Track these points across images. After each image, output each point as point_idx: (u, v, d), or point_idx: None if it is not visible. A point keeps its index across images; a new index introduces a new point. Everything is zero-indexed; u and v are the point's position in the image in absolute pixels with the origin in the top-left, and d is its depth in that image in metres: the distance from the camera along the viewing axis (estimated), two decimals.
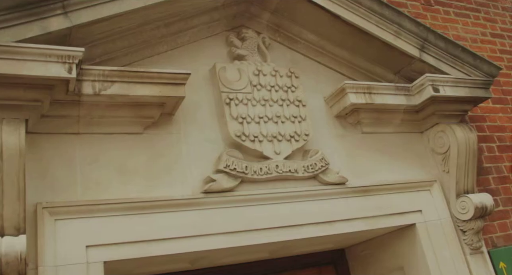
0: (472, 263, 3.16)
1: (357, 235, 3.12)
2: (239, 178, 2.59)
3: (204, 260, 2.88)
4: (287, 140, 2.80)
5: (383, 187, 3.05)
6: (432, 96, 3.11)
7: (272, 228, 2.63)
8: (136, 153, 2.50)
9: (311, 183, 2.83)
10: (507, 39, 4.57)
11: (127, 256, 2.27)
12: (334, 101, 3.11)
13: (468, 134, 3.25)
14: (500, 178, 3.72)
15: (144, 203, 2.37)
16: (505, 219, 3.55)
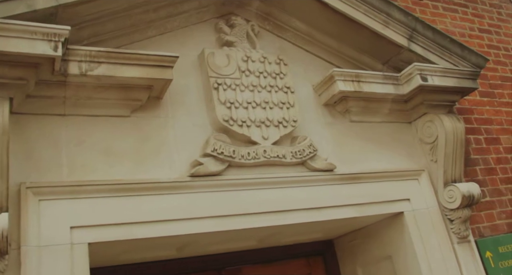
0: (459, 252, 3.17)
1: (345, 223, 3.11)
2: (227, 162, 2.58)
3: (191, 247, 2.85)
4: (275, 125, 2.80)
5: (371, 175, 3.05)
6: (420, 85, 3.12)
7: (260, 213, 2.61)
8: (123, 136, 2.47)
9: (299, 169, 2.82)
10: (494, 34, 4.62)
11: (112, 238, 2.25)
12: (322, 90, 3.11)
13: (456, 124, 3.27)
14: (487, 170, 3.74)
15: (131, 185, 2.34)
16: (492, 210, 3.57)
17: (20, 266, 2.03)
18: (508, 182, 3.80)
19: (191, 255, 3.12)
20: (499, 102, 4.19)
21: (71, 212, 2.19)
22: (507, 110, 4.19)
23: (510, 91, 4.34)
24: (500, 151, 3.91)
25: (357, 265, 3.46)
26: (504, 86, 4.32)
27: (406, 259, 3.13)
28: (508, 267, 3.34)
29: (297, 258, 3.57)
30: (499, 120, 4.08)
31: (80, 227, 2.19)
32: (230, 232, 2.58)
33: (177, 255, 3.01)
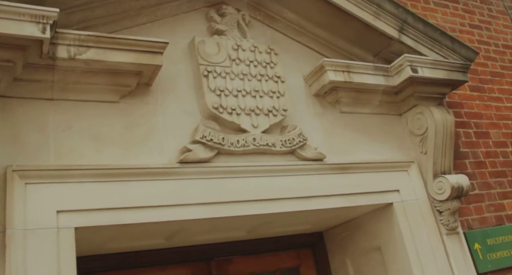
0: (448, 243, 3.18)
1: (335, 214, 3.11)
2: (216, 149, 2.57)
3: (180, 236, 2.84)
4: (265, 114, 2.79)
5: (361, 165, 3.05)
6: (411, 76, 3.13)
7: (249, 201, 2.60)
8: (112, 122, 2.46)
9: (289, 158, 2.82)
10: (484, 30, 4.65)
11: (99, 222, 2.23)
12: (313, 80, 3.11)
13: (445, 116, 3.28)
14: (477, 163, 3.76)
15: (119, 170, 2.33)
16: (481, 202, 3.59)
17: (5, 249, 2.00)
18: (497, 175, 3.82)
19: (180, 245, 3.10)
20: (489, 97, 4.21)
21: (58, 196, 2.17)
22: (497, 105, 4.22)
23: (500, 86, 4.37)
24: (490, 145, 3.94)
25: (346, 257, 3.46)
26: (494, 82, 4.35)
27: (395, 250, 3.13)
28: (496, 259, 3.36)
29: (286, 250, 3.57)
30: (488, 115, 4.10)
31: (66, 212, 2.17)
32: (218, 220, 2.56)
33: (166, 244, 2.99)
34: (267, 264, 3.45)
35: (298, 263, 3.56)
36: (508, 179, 3.86)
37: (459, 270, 3.13)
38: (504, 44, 4.71)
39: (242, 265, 3.36)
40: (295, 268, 3.56)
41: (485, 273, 3.28)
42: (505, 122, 4.17)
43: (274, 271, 3.45)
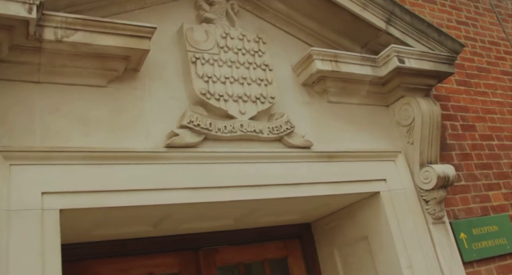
0: (434, 232, 3.20)
1: (322, 203, 3.12)
2: (203, 134, 2.58)
3: (166, 223, 2.84)
4: (252, 101, 2.81)
5: (348, 154, 3.07)
6: (398, 67, 3.16)
7: (236, 186, 2.61)
8: (99, 106, 2.45)
9: (276, 145, 2.83)
10: (471, 27, 4.70)
11: (85, 205, 2.22)
12: (301, 69, 3.13)
13: (432, 106, 3.32)
14: (463, 155, 3.79)
15: (105, 153, 2.32)
16: (467, 194, 3.62)
17: None
18: (483, 167, 3.86)
19: (167, 233, 3.10)
20: (475, 91, 4.26)
21: (43, 178, 2.16)
22: (483, 100, 4.26)
23: (486, 81, 4.42)
24: (476, 138, 3.98)
25: (334, 247, 3.47)
26: (480, 77, 4.40)
27: (381, 239, 3.15)
28: (481, 248, 3.39)
29: (274, 240, 3.57)
30: (475, 109, 4.15)
31: (51, 193, 2.16)
32: (205, 205, 2.56)
33: (153, 232, 2.99)
34: (255, 254, 3.45)
35: (285, 254, 3.57)
36: (494, 171, 3.90)
37: (445, 258, 3.15)
38: (490, 40, 4.77)
39: (229, 254, 3.36)
40: (283, 258, 3.56)
41: (470, 262, 3.30)
42: (490, 116, 4.22)
43: (261, 261, 3.46)
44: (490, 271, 3.40)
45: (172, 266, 3.18)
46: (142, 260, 3.09)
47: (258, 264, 3.49)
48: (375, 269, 3.15)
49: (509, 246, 3.55)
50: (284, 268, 3.54)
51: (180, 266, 3.19)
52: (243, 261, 3.39)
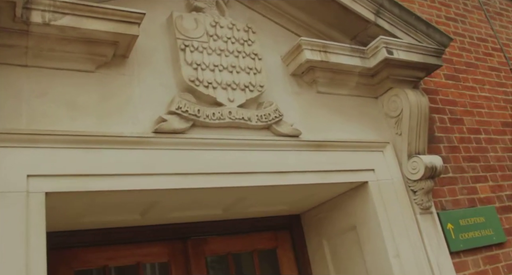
0: (422, 222, 3.22)
1: (310, 192, 3.13)
2: (191, 121, 2.58)
3: (154, 211, 2.83)
4: (241, 89, 2.81)
5: (337, 143, 3.09)
6: (386, 58, 3.19)
7: (224, 173, 2.61)
8: (87, 91, 2.45)
9: (264, 133, 2.84)
10: (460, 23, 4.75)
11: (71, 188, 2.20)
12: (290, 59, 3.14)
13: (420, 98, 3.35)
14: (451, 147, 3.83)
15: (93, 137, 2.31)
16: (454, 185, 3.65)
17: None
18: (470, 160, 3.89)
19: (156, 223, 3.10)
20: (463, 86, 4.30)
21: (29, 160, 2.14)
22: (471, 94, 4.31)
23: (474, 76, 4.47)
24: (464, 131, 4.01)
25: (322, 237, 3.48)
26: (468, 72, 4.45)
27: (369, 229, 3.16)
28: (468, 239, 3.42)
29: (263, 231, 3.57)
30: (463, 103, 4.18)
31: (37, 176, 2.14)
32: (193, 192, 2.57)
33: (142, 221, 2.98)
34: (244, 245, 3.45)
35: (275, 245, 3.57)
36: (481, 164, 3.94)
37: (432, 248, 3.18)
38: (479, 37, 4.83)
39: (218, 245, 3.36)
40: (272, 249, 3.56)
41: (457, 252, 3.33)
42: (478, 110, 4.26)
43: (251, 252, 3.45)
44: (477, 261, 3.43)
45: (161, 255, 3.17)
46: (131, 249, 3.08)
47: (247, 255, 3.50)
48: (363, 259, 3.16)
49: (495, 237, 3.59)
50: (273, 259, 3.54)
51: (168, 255, 3.18)
52: (232, 251, 3.38)
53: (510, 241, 3.72)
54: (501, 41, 5.00)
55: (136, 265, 3.07)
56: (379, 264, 3.07)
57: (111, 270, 3.03)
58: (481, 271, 3.41)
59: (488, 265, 3.47)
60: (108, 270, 2.98)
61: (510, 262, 3.61)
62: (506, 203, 3.90)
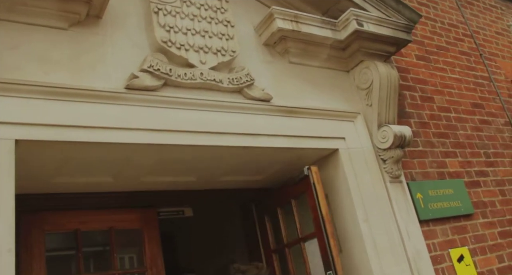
0: (391, 190, 3.30)
1: (282, 158, 3.17)
2: (163, 79, 2.62)
3: (126, 173, 2.86)
4: (213, 53, 2.87)
5: (309, 110, 3.16)
6: (356, 30, 3.28)
7: (194, 132, 2.65)
8: (60, 47, 2.47)
9: (236, 96, 2.89)
10: (431, 9, 4.89)
11: (42, 137, 2.22)
12: (263, 29, 3.21)
13: (390, 70, 3.44)
14: (421, 123, 3.93)
15: (66, 89, 2.33)
16: (424, 158, 3.74)
17: None
18: (440, 136, 4.00)
19: (128, 188, 3.11)
20: (434, 67, 4.42)
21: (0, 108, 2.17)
22: (441, 75, 4.43)
23: (445, 59, 4.59)
24: (434, 109, 4.12)
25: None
26: (439, 54, 4.57)
27: (341, 196, 3.23)
28: (436, 209, 3.50)
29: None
30: (433, 82, 4.30)
31: (7, 123, 2.15)
32: (164, 149, 2.60)
33: (114, 185, 2.99)
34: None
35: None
36: (451, 140, 4.05)
37: (401, 215, 3.25)
38: (450, 23, 4.97)
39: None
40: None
41: (426, 221, 3.41)
42: (448, 90, 4.38)
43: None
44: (445, 231, 3.51)
45: (134, 221, 3.19)
46: (103, 214, 3.10)
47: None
48: (334, 225, 3.21)
49: (463, 209, 3.68)
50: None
51: (141, 222, 3.20)
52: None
53: (477, 213, 3.82)
54: (472, 28, 5.15)
55: (108, 230, 3.08)
56: (348, 229, 3.13)
57: (83, 234, 3.03)
58: (449, 240, 3.50)
59: (456, 235, 3.56)
60: (80, 233, 2.98)
61: (477, 233, 3.70)
62: (474, 178, 4.00)
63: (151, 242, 3.20)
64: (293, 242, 3.35)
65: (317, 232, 2.99)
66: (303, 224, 3.25)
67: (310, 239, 3.12)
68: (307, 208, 3.14)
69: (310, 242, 3.12)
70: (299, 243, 3.25)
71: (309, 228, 3.13)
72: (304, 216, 3.24)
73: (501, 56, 5.32)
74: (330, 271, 2.84)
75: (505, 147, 4.49)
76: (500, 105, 4.78)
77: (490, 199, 4.00)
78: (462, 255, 3.47)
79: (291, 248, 3.38)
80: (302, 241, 3.21)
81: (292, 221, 3.35)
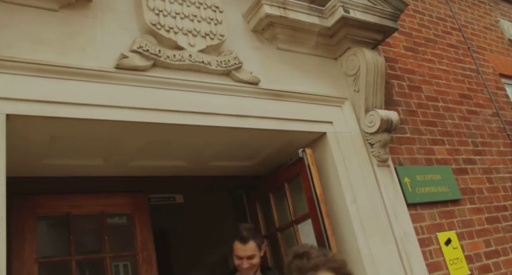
0: (379, 174, 3.35)
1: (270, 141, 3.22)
2: (152, 60, 2.67)
3: (116, 155, 2.90)
4: (202, 36, 2.92)
5: (296, 94, 3.21)
6: (343, 16, 3.34)
7: (184, 112, 2.70)
8: (50, 28, 2.52)
9: (224, 79, 2.94)
10: (419, 2, 4.97)
11: (33, 112, 2.26)
12: (251, 16, 3.28)
13: (377, 57, 3.51)
14: (409, 111, 3.99)
15: (56, 67, 2.38)
16: (412, 145, 3.80)
17: None
18: (428, 124, 4.06)
19: (119, 173, 3.16)
20: (422, 58, 4.49)
21: None
22: (430, 66, 4.50)
23: (433, 51, 4.67)
24: (422, 98, 4.19)
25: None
26: (427, 46, 4.65)
27: (329, 179, 3.27)
28: (424, 193, 3.55)
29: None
30: (421, 72, 4.37)
31: None
32: (153, 128, 2.64)
33: (105, 168, 3.03)
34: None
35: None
36: (438, 128, 4.11)
37: (389, 198, 3.30)
38: (438, 16, 5.05)
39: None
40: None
41: (413, 204, 3.45)
42: (436, 81, 4.45)
43: None
44: (433, 215, 3.56)
45: (125, 206, 3.24)
46: (95, 199, 3.13)
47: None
48: None
49: (451, 194, 3.73)
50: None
51: (132, 206, 3.24)
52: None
53: (465, 199, 3.87)
54: (460, 22, 5.24)
55: (99, 214, 3.12)
56: (337, 210, 3.17)
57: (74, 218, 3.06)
58: (437, 223, 3.55)
59: (444, 219, 3.61)
60: (71, 217, 3.02)
61: (465, 218, 3.75)
62: (462, 166, 4.06)
63: (142, 226, 3.24)
64: (285, 225, 3.38)
65: (311, 212, 3.03)
66: (296, 207, 3.28)
67: (304, 221, 3.15)
68: (301, 190, 3.18)
69: (303, 224, 3.16)
70: (291, 225, 3.29)
71: (303, 210, 3.17)
72: (297, 198, 3.29)
73: (489, 50, 5.41)
74: None
75: (493, 136, 4.56)
76: (488, 97, 4.85)
77: (478, 186, 4.05)
78: (450, 239, 3.52)
79: (283, 232, 3.42)
80: (295, 223, 3.25)
81: (285, 205, 3.39)
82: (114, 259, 3.10)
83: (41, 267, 2.83)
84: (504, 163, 4.43)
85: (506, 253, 3.83)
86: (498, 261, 3.73)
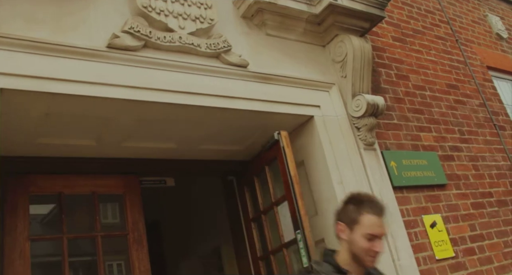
0: (366, 157, 3.44)
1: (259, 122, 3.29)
2: (143, 40, 2.75)
3: (108, 137, 2.97)
4: (192, 19, 3.00)
5: (285, 78, 3.29)
6: (330, 3, 3.43)
7: (173, 91, 2.77)
8: (43, 9, 2.58)
9: (213, 61, 3.02)
10: None
11: (28, 87, 2.33)
12: (240, 2, 3.36)
13: (363, 43, 3.60)
14: (396, 99, 4.08)
15: (50, 45, 2.44)
16: (399, 131, 3.88)
17: None
18: (415, 112, 4.15)
19: (111, 154, 3.22)
20: (410, 48, 4.59)
21: None
22: (417, 56, 4.59)
23: (421, 42, 4.77)
24: (409, 86, 4.28)
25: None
26: (416, 37, 4.74)
27: (316, 162, 3.36)
28: (410, 177, 3.64)
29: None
30: (409, 62, 4.46)
31: None
32: (144, 107, 2.71)
33: (97, 149, 3.09)
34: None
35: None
36: (425, 116, 4.20)
37: (375, 180, 3.39)
38: (426, 9, 5.15)
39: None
40: None
41: (400, 188, 3.54)
42: (424, 70, 4.54)
43: None
44: (419, 198, 3.64)
45: (116, 187, 3.29)
46: (86, 179, 3.19)
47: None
48: (309, 188, 3.34)
49: (436, 179, 3.82)
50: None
51: (124, 188, 3.30)
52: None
53: (451, 185, 3.95)
54: (448, 15, 5.34)
55: (91, 194, 3.18)
56: (324, 191, 3.26)
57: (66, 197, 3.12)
58: (422, 207, 3.63)
59: (430, 202, 3.69)
60: (63, 196, 3.08)
61: (450, 202, 3.83)
62: (448, 153, 4.15)
63: (133, 207, 3.30)
64: (267, 208, 3.44)
65: (287, 193, 3.09)
66: (276, 189, 3.35)
67: (282, 202, 3.21)
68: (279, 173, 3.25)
69: (282, 205, 3.22)
70: (272, 207, 3.35)
71: (281, 192, 3.23)
72: (277, 181, 3.35)
73: (477, 43, 5.51)
74: (299, 230, 2.94)
75: (479, 126, 4.65)
76: (475, 88, 4.95)
77: (464, 172, 4.14)
78: (435, 221, 3.60)
79: (267, 214, 3.48)
80: (275, 205, 3.31)
81: (267, 188, 3.46)
82: (105, 238, 3.16)
83: (33, 244, 2.89)
84: (490, 151, 4.53)
85: (491, 237, 3.92)
86: (482, 244, 3.82)
